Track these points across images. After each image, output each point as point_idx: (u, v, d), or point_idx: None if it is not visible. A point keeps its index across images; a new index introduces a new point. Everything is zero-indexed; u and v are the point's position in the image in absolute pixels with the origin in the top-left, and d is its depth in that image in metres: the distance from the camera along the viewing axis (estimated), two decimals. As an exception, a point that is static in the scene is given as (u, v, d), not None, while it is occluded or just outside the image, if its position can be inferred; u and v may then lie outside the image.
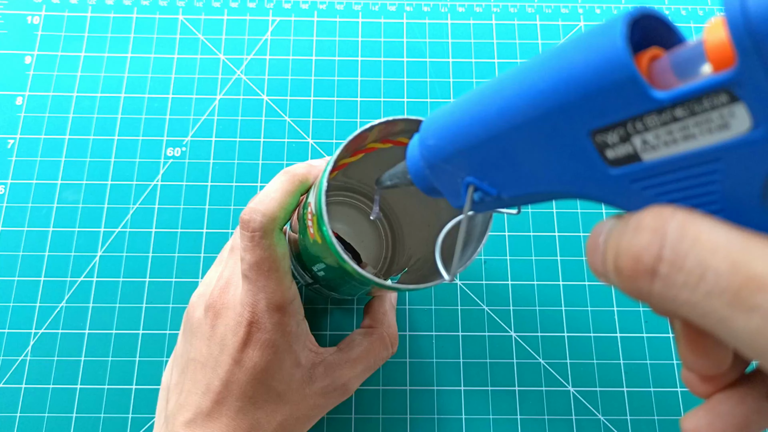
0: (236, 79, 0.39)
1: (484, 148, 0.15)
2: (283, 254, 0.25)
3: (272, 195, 0.24)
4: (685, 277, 0.11)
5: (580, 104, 0.12)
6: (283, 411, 0.25)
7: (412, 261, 0.30)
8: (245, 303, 0.24)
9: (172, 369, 0.28)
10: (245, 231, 0.24)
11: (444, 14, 0.41)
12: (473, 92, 0.15)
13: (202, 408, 0.24)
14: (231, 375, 0.24)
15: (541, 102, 0.13)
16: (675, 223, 0.11)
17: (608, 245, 0.13)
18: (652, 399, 0.33)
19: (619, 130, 0.12)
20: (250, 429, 0.24)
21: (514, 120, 0.13)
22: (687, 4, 0.42)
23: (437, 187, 0.18)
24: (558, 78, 0.12)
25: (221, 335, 0.25)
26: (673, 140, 0.11)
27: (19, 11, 0.40)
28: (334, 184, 0.32)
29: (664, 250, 0.11)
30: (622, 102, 0.11)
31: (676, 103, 0.10)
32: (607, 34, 0.11)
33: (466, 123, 0.15)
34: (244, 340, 0.24)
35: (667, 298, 0.11)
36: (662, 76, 0.11)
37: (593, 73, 0.11)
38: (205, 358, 0.25)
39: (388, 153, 0.25)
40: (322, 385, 0.26)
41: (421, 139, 0.17)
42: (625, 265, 0.12)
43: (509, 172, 0.15)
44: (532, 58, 0.14)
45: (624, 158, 0.12)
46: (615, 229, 0.13)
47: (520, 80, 0.13)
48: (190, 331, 0.27)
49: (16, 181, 0.36)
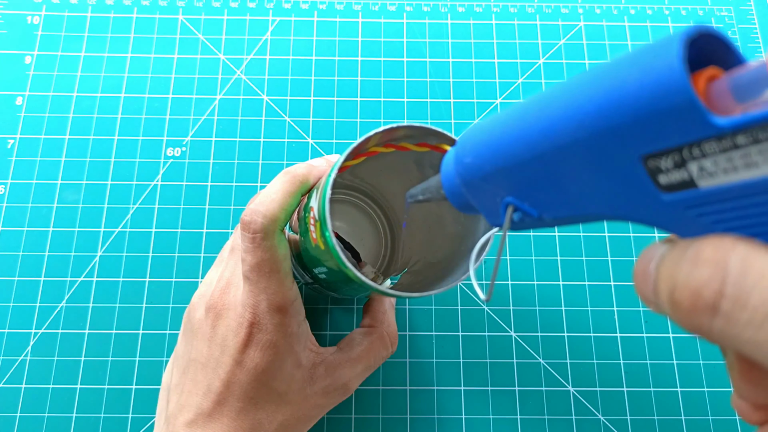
0: (236, 79, 0.39)
1: (526, 168, 0.14)
2: (284, 255, 0.25)
3: (273, 196, 0.24)
4: (749, 315, 0.10)
5: (632, 128, 0.11)
6: (284, 411, 0.25)
7: (411, 262, 0.30)
8: (246, 304, 0.24)
9: (172, 369, 0.28)
10: (246, 232, 0.24)
11: (444, 14, 0.41)
12: (514, 108, 0.15)
13: (203, 409, 0.24)
14: (232, 376, 0.24)
15: (589, 123, 0.12)
16: (737, 257, 0.10)
17: (661, 274, 0.12)
18: (652, 399, 0.33)
19: (674, 156, 0.11)
20: (251, 429, 0.24)
21: (560, 141, 0.13)
22: (687, 4, 0.42)
23: (474, 204, 0.17)
24: (609, 99, 0.11)
25: (222, 336, 0.25)
26: (733, 168, 0.10)
27: (19, 11, 0.40)
28: (336, 181, 0.32)
29: (726, 285, 0.10)
30: (678, 127, 0.10)
31: (738, 131, 0.10)
32: (663, 53, 0.10)
33: (507, 141, 0.14)
34: (245, 341, 0.24)
35: (728, 336, 0.11)
36: (720, 98, 0.11)
37: (647, 96, 0.11)
38: (206, 358, 0.25)
39: (389, 156, 0.25)
40: (323, 384, 0.26)
41: (457, 156, 0.17)
42: (682, 299, 0.11)
43: (552, 194, 0.14)
44: (580, 74, 0.13)
45: (678, 184, 0.11)
46: (668, 257, 0.12)
47: (567, 98, 0.13)
48: (190, 331, 0.27)
49: (16, 181, 0.36)
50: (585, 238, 0.36)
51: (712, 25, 0.11)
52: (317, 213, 0.22)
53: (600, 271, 0.35)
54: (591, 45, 0.41)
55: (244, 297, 0.25)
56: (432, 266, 0.28)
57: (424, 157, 0.26)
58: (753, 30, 0.42)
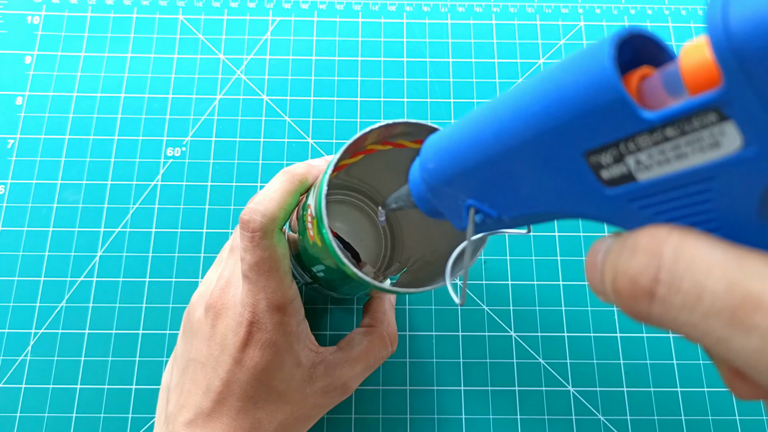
0: (236, 79, 0.39)
1: (482, 170, 0.15)
2: (283, 254, 0.25)
3: (272, 195, 0.24)
4: (682, 299, 0.11)
5: (571, 126, 0.12)
6: (284, 411, 0.25)
7: (410, 261, 0.30)
8: (246, 303, 0.24)
9: (172, 369, 0.28)
10: (245, 231, 0.24)
11: (444, 14, 0.41)
12: (471, 114, 0.15)
13: (202, 408, 0.24)
14: (231, 375, 0.24)
15: (534, 125, 0.13)
16: (671, 244, 0.11)
17: (606, 265, 0.13)
18: (652, 399, 0.33)
19: (613, 151, 0.12)
20: (250, 429, 0.24)
21: (510, 143, 0.13)
22: (687, 4, 0.42)
23: (440, 209, 0.18)
24: (549, 100, 0.12)
25: (222, 335, 0.25)
26: (665, 160, 0.11)
27: (19, 11, 0.40)
28: (334, 182, 0.32)
29: (660, 272, 0.11)
30: (612, 123, 0.11)
31: (666, 123, 0.10)
32: (595, 55, 0.11)
33: (464, 146, 0.15)
34: (244, 340, 0.24)
35: (665, 320, 0.11)
36: (654, 95, 0.11)
37: (583, 95, 0.11)
38: (206, 358, 0.25)
39: (387, 154, 0.25)
40: (323, 384, 0.26)
41: (421, 162, 0.17)
42: (622, 286, 0.12)
43: (508, 194, 0.15)
44: (527, 79, 0.13)
45: (619, 178, 0.12)
46: (612, 248, 0.13)
47: (514, 102, 0.13)
48: (190, 331, 0.27)
49: (16, 181, 0.36)
50: (585, 238, 0.36)
51: (643, 27, 0.12)
52: (314, 210, 0.22)
53: (600, 271, 0.35)
54: (591, 45, 0.41)
55: (244, 296, 0.25)
56: (430, 264, 0.28)
57: None
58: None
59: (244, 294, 0.25)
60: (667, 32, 0.41)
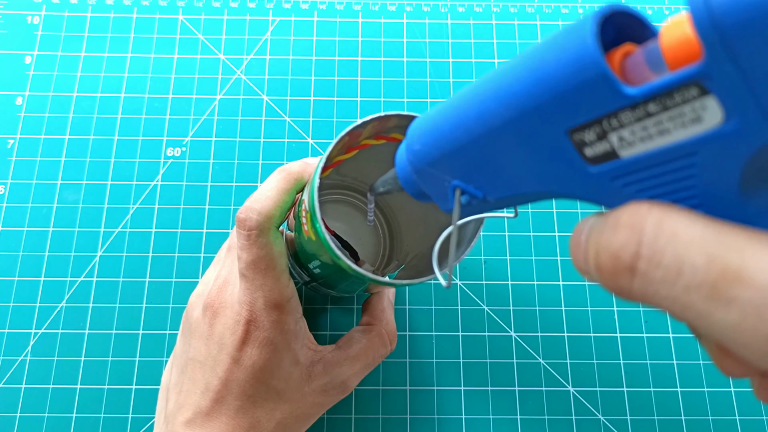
0: (236, 79, 0.39)
1: (466, 151, 0.15)
2: (279, 252, 0.25)
3: (268, 193, 0.25)
4: (663, 273, 0.11)
5: (554, 104, 0.12)
6: (283, 409, 0.25)
7: (409, 257, 0.30)
8: (243, 301, 0.24)
9: (171, 369, 0.28)
10: (241, 230, 0.24)
11: (444, 14, 0.41)
12: (455, 96, 0.15)
13: (201, 407, 0.24)
14: (230, 374, 0.24)
15: (516, 104, 0.13)
16: (652, 220, 0.11)
17: (589, 243, 0.13)
18: (652, 399, 0.33)
19: (596, 128, 0.12)
20: (249, 428, 0.24)
21: (492, 123, 0.13)
22: (686, 4, 0.42)
23: (426, 191, 0.18)
24: (531, 79, 0.12)
25: (220, 334, 0.25)
26: (648, 136, 0.11)
27: (19, 11, 0.40)
28: (330, 182, 0.32)
29: (641, 247, 0.11)
30: (595, 100, 0.11)
31: (648, 99, 0.11)
32: (578, 32, 0.11)
33: (448, 127, 0.15)
34: (242, 339, 0.24)
35: (647, 295, 0.11)
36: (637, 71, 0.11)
37: (565, 73, 0.11)
38: (204, 357, 0.25)
39: (381, 149, 0.25)
40: (321, 382, 0.26)
41: (407, 144, 0.17)
42: (604, 262, 0.12)
43: (492, 175, 0.15)
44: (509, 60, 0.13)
45: (602, 156, 0.12)
46: (596, 226, 0.13)
47: (497, 83, 0.13)
48: (188, 330, 0.27)
49: (16, 181, 0.36)
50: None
51: (625, 4, 0.12)
52: (307, 204, 0.22)
53: (600, 271, 0.35)
54: (591, 45, 0.41)
55: (241, 294, 0.25)
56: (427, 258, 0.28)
57: None
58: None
59: (241, 292, 0.25)
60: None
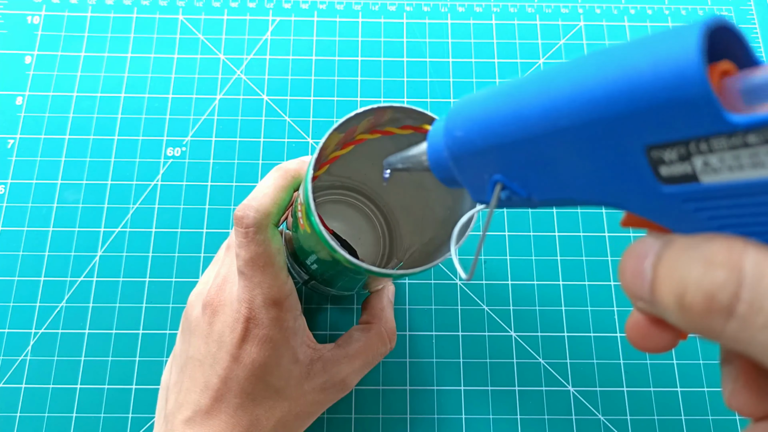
0: (236, 78, 0.39)
1: (521, 147, 0.14)
2: (277, 249, 0.25)
3: (265, 191, 0.25)
4: (764, 319, 0.10)
5: (640, 117, 0.11)
6: (282, 407, 0.25)
7: (407, 254, 0.30)
8: (242, 299, 0.24)
9: (171, 368, 0.28)
10: (239, 227, 0.24)
11: (444, 14, 0.41)
12: (512, 84, 0.14)
13: (201, 406, 0.24)
14: (229, 372, 0.24)
15: (594, 107, 0.11)
16: (751, 260, 0.10)
17: (662, 275, 0.12)
18: (652, 399, 0.33)
19: (680, 149, 0.11)
20: (249, 426, 0.24)
21: (560, 123, 0.12)
22: (687, 4, 0.42)
23: (459, 179, 0.16)
24: (618, 83, 0.11)
25: (219, 332, 0.25)
26: (739, 166, 0.10)
27: (19, 11, 0.40)
28: (326, 183, 0.32)
29: (742, 289, 0.10)
30: (689, 120, 0.10)
31: (751, 129, 0.10)
32: (681, 42, 0.10)
33: (502, 118, 0.14)
34: (241, 336, 0.24)
35: (741, 339, 0.11)
36: (730, 95, 0.10)
37: (660, 85, 0.10)
38: (203, 355, 0.25)
39: (376, 144, 0.25)
40: (321, 381, 0.26)
41: (447, 128, 0.16)
42: (695, 302, 0.11)
43: (545, 176, 0.14)
44: (587, 55, 0.12)
45: (680, 177, 0.11)
46: (669, 256, 0.12)
47: (572, 79, 0.12)
48: (188, 329, 0.27)
49: (16, 181, 0.36)
50: (585, 238, 0.36)
51: (728, 18, 0.11)
52: (302, 197, 0.22)
53: (600, 271, 0.35)
54: (591, 45, 0.41)
55: (240, 292, 0.25)
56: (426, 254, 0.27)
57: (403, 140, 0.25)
58: (753, 30, 0.42)
59: (240, 290, 0.25)
60: (667, 32, 0.41)
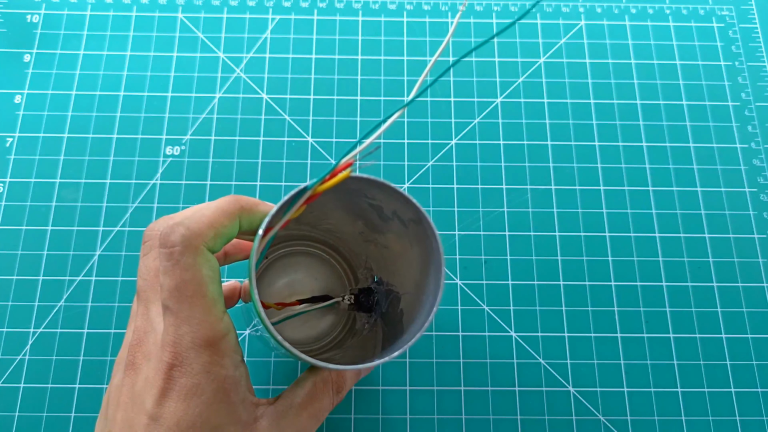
0: (236, 77, 0.39)
1: None
2: (210, 277, 0.20)
3: (203, 211, 0.21)
4: None
5: None
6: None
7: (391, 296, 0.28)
8: (165, 343, 0.19)
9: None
10: (162, 248, 0.20)
11: (444, 13, 0.41)
12: None
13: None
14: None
15: None
16: None
17: None
18: (652, 399, 0.33)
19: None
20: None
21: None
22: (688, 3, 0.42)
23: None
24: None
25: (139, 392, 0.19)
26: None
27: (18, 10, 0.40)
28: (285, 234, 0.30)
29: None
30: None
31: None
32: None
33: None
34: (162, 390, 0.19)
35: None
36: None
37: None
38: (120, 426, 0.20)
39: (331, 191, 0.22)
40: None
41: None
42: None
43: None
44: None
45: None
46: None
47: None
48: (108, 403, 0.21)
49: (15, 179, 0.36)
50: (585, 238, 0.36)
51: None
52: (248, 271, 0.20)
53: (600, 271, 0.35)
54: (592, 44, 0.41)
55: (164, 334, 0.19)
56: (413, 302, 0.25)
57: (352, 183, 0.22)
58: (754, 30, 0.41)
59: (164, 332, 0.19)
60: (668, 32, 0.41)
